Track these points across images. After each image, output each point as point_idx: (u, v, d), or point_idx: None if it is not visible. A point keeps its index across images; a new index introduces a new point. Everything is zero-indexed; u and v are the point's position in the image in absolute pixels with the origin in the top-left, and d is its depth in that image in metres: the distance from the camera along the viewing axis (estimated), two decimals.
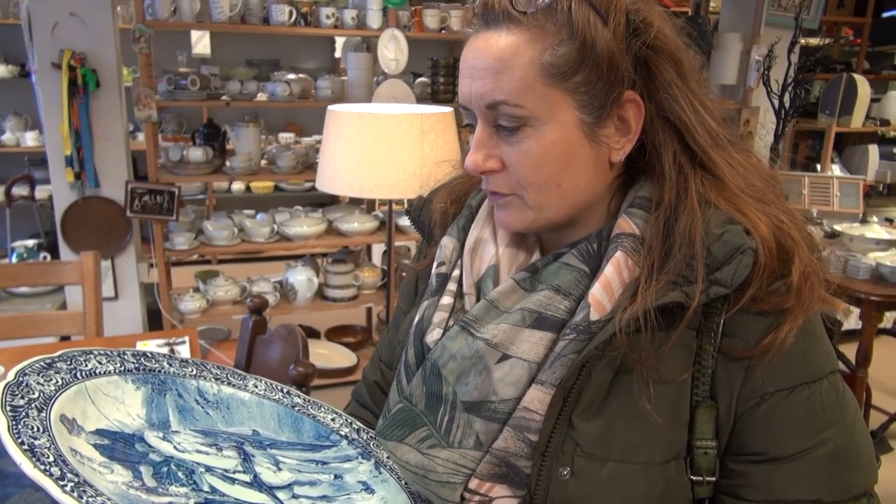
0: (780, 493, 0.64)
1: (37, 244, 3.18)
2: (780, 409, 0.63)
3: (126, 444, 0.67)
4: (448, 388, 0.68)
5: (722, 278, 0.61)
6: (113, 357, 0.75)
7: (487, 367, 0.67)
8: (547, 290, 0.67)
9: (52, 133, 2.59)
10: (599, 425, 0.64)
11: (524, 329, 0.67)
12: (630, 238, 0.66)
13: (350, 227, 2.98)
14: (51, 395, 0.64)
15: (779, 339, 0.62)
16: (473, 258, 0.75)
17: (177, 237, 2.79)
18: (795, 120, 3.57)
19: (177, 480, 0.65)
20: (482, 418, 0.67)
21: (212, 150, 2.82)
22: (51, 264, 2.02)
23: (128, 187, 2.65)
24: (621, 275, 0.65)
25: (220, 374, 0.83)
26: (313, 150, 3.11)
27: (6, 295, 2.95)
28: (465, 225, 0.78)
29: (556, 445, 0.65)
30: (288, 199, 4.60)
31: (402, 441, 0.71)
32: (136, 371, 0.76)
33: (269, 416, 0.81)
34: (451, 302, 0.74)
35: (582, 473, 0.64)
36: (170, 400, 0.76)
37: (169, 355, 0.81)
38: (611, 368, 0.64)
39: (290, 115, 4.80)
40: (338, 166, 1.94)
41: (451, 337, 0.70)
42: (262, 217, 3.11)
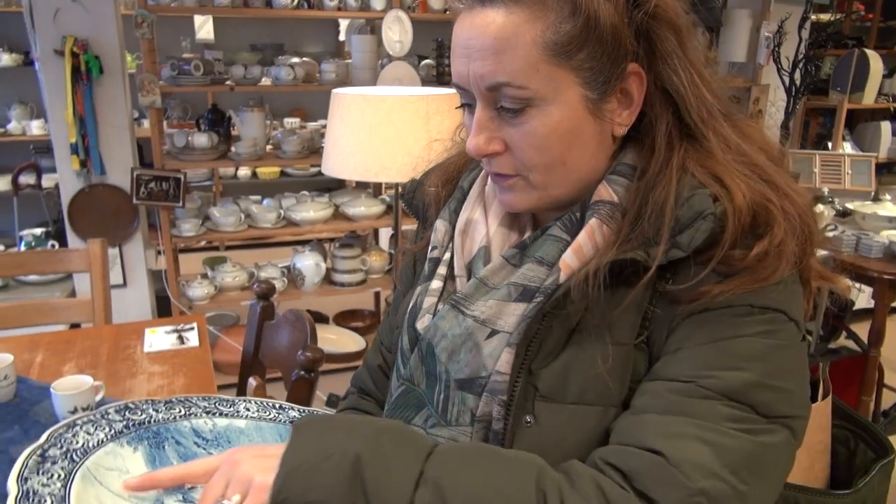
0: (659, 373, 0.63)
1: (44, 232, 3.18)
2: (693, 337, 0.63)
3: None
4: (441, 367, 0.69)
5: (680, 241, 0.61)
6: (98, 421, 0.71)
7: (477, 344, 0.67)
8: (530, 263, 0.68)
9: (57, 120, 2.59)
10: (556, 370, 0.65)
11: (510, 303, 0.67)
12: (607, 205, 0.66)
13: (357, 212, 2.97)
14: (61, 496, 0.61)
15: (710, 294, 0.61)
16: (464, 240, 0.75)
17: (183, 224, 2.78)
18: (806, 97, 3.52)
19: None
20: (474, 394, 0.68)
21: (217, 135, 2.80)
22: (58, 252, 2.02)
23: (133, 174, 2.64)
24: (594, 240, 0.65)
25: (209, 405, 0.79)
26: (319, 134, 3.09)
27: (15, 283, 2.95)
28: (456, 207, 0.78)
29: (519, 395, 0.66)
30: (294, 184, 4.59)
31: (411, 422, 0.72)
32: (126, 430, 0.72)
33: (271, 439, 0.78)
34: (440, 286, 0.74)
35: (543, 419, 0.65)
36: (170, 451, 0.72)
37: (152, 400, 0.77)
38: (571, 319, 0.65)
39: (294, 100, 4.77)
40: (343, 150, 1.92)
41: (442, 316, 0.70)
42: (268, 202, 3.10)
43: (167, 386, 1.49)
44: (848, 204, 2.81)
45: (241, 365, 1.68)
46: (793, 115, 3.30)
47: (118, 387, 1.48)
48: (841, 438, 0.89)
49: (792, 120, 3.31)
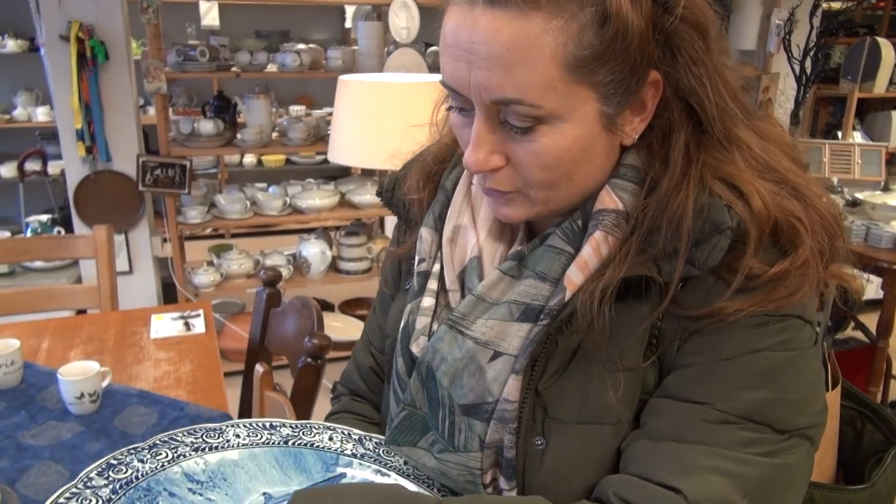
0: (678, 392, 0.60)
1: (51, 219, 3.19)
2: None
3: None
4: (443, 392, 0.65)
5: (696, 258, 0.57)
6: (82, 493, 0.64)
7: (481, 367, 0.63)
8: (531, 279, 0.63)
9: (63, 106, 2.58)
10: (564, 389, 0.62)
11: (513, 323, 0.63)
12: (612, 214, 0.61)
13: (363, 200, 2.96)
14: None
15: (723, 312, 0.57)
16: (453, 249, 0.69)
17: (189, 211, 2.78)
18: (816, 86, 3.48)
19: None
20: (481, 420, 0.64)
21: (223, 122, 2.79)
22: (64, 238, 2.02)
23: (139, 161, 2.64)
24: (599, 253, 0.60)
25: (196, 440, 0.73)
26: (325, 121, 3.08)
27: (21, 270, 2.96)
28: (441, 212, 0.71)
29: (527, 417, 0.63)
30: (300, 172, 4.58)
31: (416, 445, 0.69)
32: (114, 496, 0.65)
33: (268, 466, 0.73)
34: (432, 304, 0.69)
35: (554, 440, 0.62)
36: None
37: (137, 448, 0.71)
38: (577, 336, 0.62)
39: (300, 88, 4.76)
40: (349, 137, 1.91)
41: (440, 338, 0.65)
42: (274, 190, 3.09)
43: (174, 373, 1.49)
44: (857, 194, 2.79)
45: (247, 352, 1.67)
46: (803, 104, 3.27)
47: (124, 373, 1.48)
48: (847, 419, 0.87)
49: (802, 109, 3.28)
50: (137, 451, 0.70)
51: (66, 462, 1.15)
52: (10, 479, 1.10)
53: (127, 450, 0.70)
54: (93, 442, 1.20)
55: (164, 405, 1.33)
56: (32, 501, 1.05)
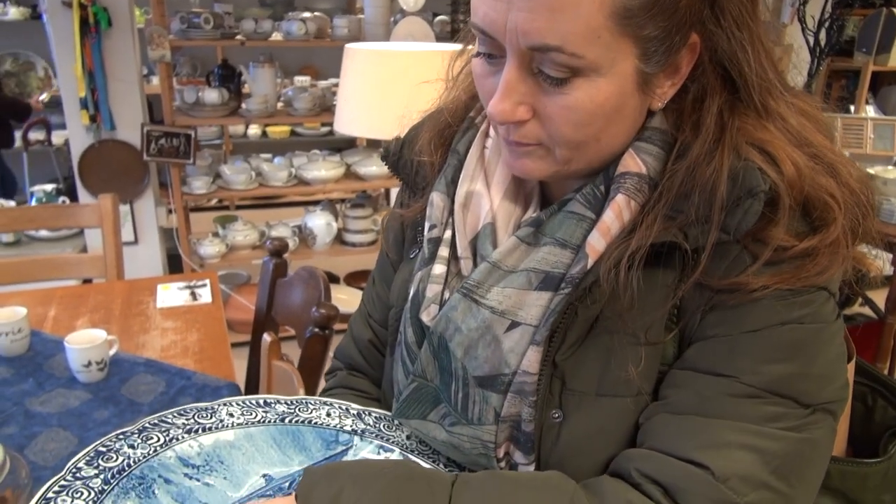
0: (696, 363, 0.58)
1: (55, 189, 3.18)
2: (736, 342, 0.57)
3: None
4: (456, 363, 0.63)
5: (726, 223, 0.54)
6: (72, 485, 0.61)
7: (497, 338, 0.61)
8: (550, 245, 0.61)
9: (66, 74, 2.55)
10: (582, 360, 0.61)
11: (531, 292, 0.60)
12: (634, 178, 0.58)
13: (368, 171, 2.94)
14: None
15: (747, 287, 0.55)
16: (466, 215, 0.66)
17: (194, 181, 2.76)
18: (830, 58, 3.42)
19: None
20: (497, 392, 0.62)
21: (227, 91, 2.76)
22: (69, 207, 2.01)
23: (143, 130, 2.61)
24: (621, 218, 0.58)
25: (188, 421, 0.70)
26: (330, 91, 3.04)
27: (27, 239, 2.96)
28: (454, 176, 0.68)
29: (544, 389, 0.61)
30: (304, 143, 4.54)
31: (426, 418, 0.67)
32: (107, 487, 0.62)
33: (265, 447, 0.70)
34: (443, 271, 0.66)
35: (572, 413, 0.61)
36: (162, 495, 0.63)
37: (126, 433, 0.67)
38: (598, 304, 0.60)
39: (305, 57, 4.70)
40: (355, 107, 1.88)
41: (453, 307, 0.63)
42: (279, 161, 3.07)
43: (180, 342, 1.48)
44: (869, 169, 2.75)
45: (253, 322, 1.67)
46: (816, 76, 3.22)
47: (131, 342, 1.48)
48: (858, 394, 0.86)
49: (814, 82, 3.23)
50: (127, 436, 0.66)
51: (74, 429, 1.15)
52: (18, 446, 1.10)
53: (115, 435, 0.66)
54: (101, 410, 1.21)
55: (171, 374, 1.33)
56: (41, 468, 1.05)
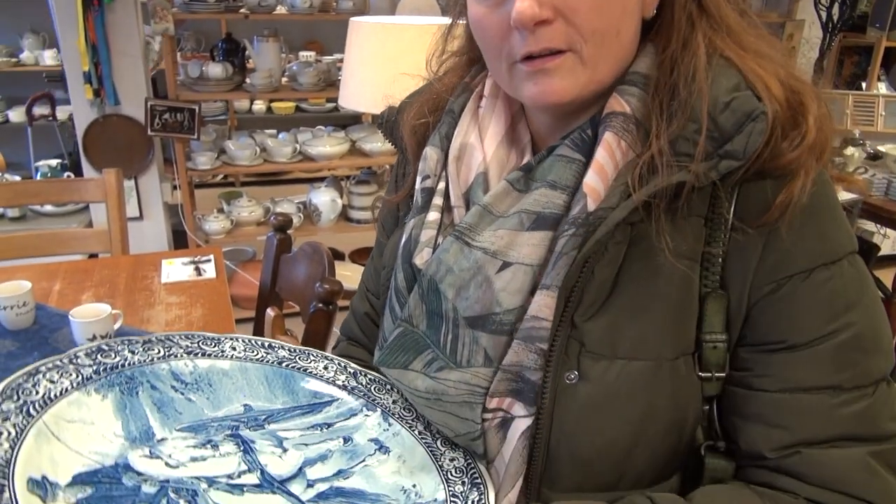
0: (797, 380, 0.59)
1: (60, 164, 3.17)
2: (798, 293, 0.59)
3: (112, 482, 0.58)
4: (448, 305, 0.64)
5: (733, 150, 0.55)
6: (65, 367, 0.64)
7: (488, 278, 0.62)
8: (542, 188, 0.62)
9: (69, 48, 2.53)
10: (604, 323, 0.60)
11: (523, 232, 0.61)
12: (620, 117, 0.59)
13: (373, 147, 2.92)
14: (6, 459, 0.52)
15: (794, 194, 0.56)
16: (459, 167, 0.68)
17: (199, 157, 2.75)
18: (842, 34, 3.37)
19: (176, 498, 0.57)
20: (488, 332, 0.63)
21: (231, 66, 2.74)
22: (73, 181, 2.00)
23: (147, 105, 2.60)
24: (614, 157, 0.59)
25: (192, 344, 0.73)
26: (335, 67, 3.01)
27: (33, 214, 2.96)
28: (448, 132, 0.70)
29: (559, 349, 0.61)
30: (309, 119, 4.52)
31: (408, 367, 0.67)
32: (95, 376, 0.64)
33: (256, 382, 0.73)
34: (437, 218, 0.68)
35: (589, 375, 0.60)
36: (144, 397, 0.66)
37: (131, 340, 0.70)
38: (614, 265, 0.60)
39: (310, 32, 4.66)
40: (361, 82, 1.86)
41: (445, 249, 0.64)
42: (284, 136, 3.06)
43: (185, 317, 1.49)
44: (880, 147, 2.72)
45: (258, 297, 1.67)
46: (828, 52, 3.17)
47: (136, 316, 1.48)
48: None
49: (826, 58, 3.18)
50: (131, 342, 0.70)
51: None
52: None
53: (121, 339, 0.70)
54: None
55: None
56: None
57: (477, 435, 0.66)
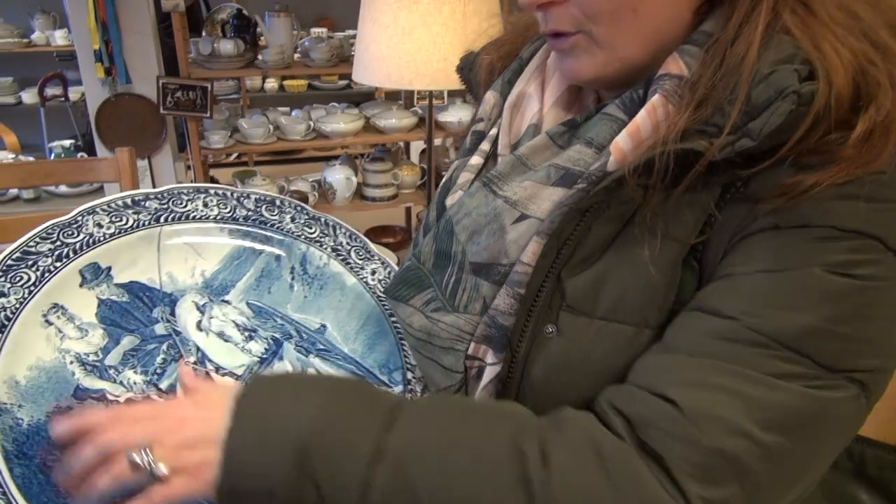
0: (703, 301, 0.53)
1: (73, 144, 3.16)
2: (767, 239, 0.51)
3: (144, 304, 0.61)
4: (458, 247, 0.62)
5: (752, 128, 0.49)
6: (228, 200, 0.66)
7: (503, 227, 0.59)
8: (579, 145, 0.58)
9: (80, 27, 2.50)
10: (589, 278, 0.57)
11: (547, 186, 0.58)
12: (674, 79, 0.54)
13: (388, 124, 2.87)
14: (95, 240, 0.58)
15: (803, 183, 0.49)
16: (514, 115, 0.66)
17: (212, 135, 2.72)
18: None
19: (144, 367, 0.58)
20: (490, 282, 0.60)
21: (243, 42, 2.70)
22: (86, 161, 1.98)
23: (159, 83, 2.57)
24: (654, 119, 0.54)
25: (346, 244, 0.71)
26: (348, 42, 2.97)
27: (47, 195, 2.95)
28: (511, 78, 0.68)
29: (543, 301, 0.57)
30: (322, 97, 4.47)
31: (408, 302, 0.65)
32: (244, 220, 0.66)
33: (356, 315, 0.70)
34: (479, 162, 0.66)
35: (567, 331, 0.57)
36: (260, 260, 0.66)
37: (303, 207, 0.69)
38: (615, 223, 0.56)
39: (321, 9, 4.60)
40: (375, 56, 1.83)
41: (470, 193, 0.62)
42: (297, 114, 3.02)
43: None
44: None
45: None
46: None
47: None
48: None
49: None
50: (300, 209, 0.69)
51: None
52: None
53: (297, 204, 0.69)
54: None
55: None
56: None
57: (457, 387, 0.64)
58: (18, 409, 0.55)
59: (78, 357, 0.58)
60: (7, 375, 0.55)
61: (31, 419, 0.56)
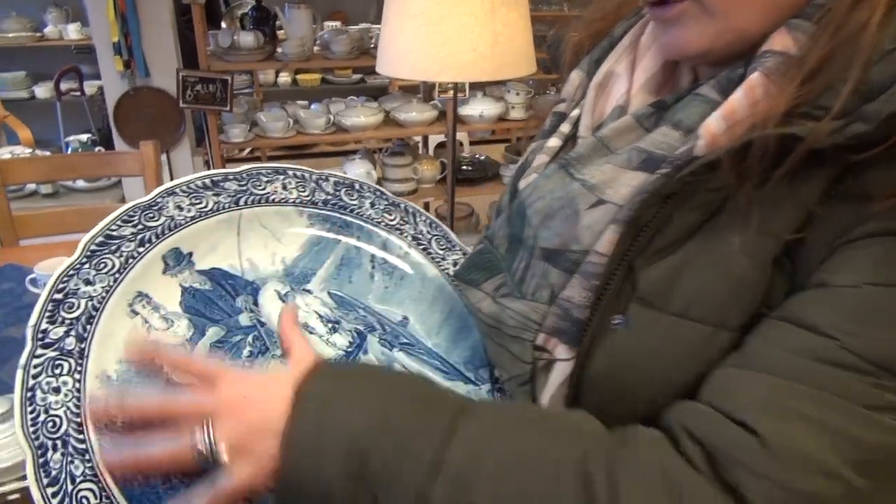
0: (793, 311, 0.47)
1: (90, 139, 3.13)
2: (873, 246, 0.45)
3: (227, 293, 0.58)
4: (529, 231, 0.58)
5: (869, 111, 0.43)
6: (307, 182, 0.63)
7: (577, 212, 0.55)
8: (665, 127, 0.53)
9: (98, 20, 2.48)
10: (665, 270, 0.51)
11: (627, 171, 0.53)
12: (778, 56, 0.48)
13: (409, 117, 2.84)
14: (177, 224, 0.55)
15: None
16: (599, 95, 0.60)
17: (231, 129, 2.69)
18: None
19: (232, 360, 0.56)
20: (559, 269, 0.56)
21: (262, 35, 2.66)
22: (110, 155, 1.95)
23: (179, 75, 2.53)
24: (752, 100, 0.48)
25: (427, 232, 0.68)
26: (368, 35, 2.93)
27: (65, 191, 2.93)
28: (599, 57, 0.63)
29: (613, 290, 0.52)
30: (336, 91, 4.44)
31: (479, 286, 0.62)
32: (323, 205, 0.63)
33: (438, 308, 0.66)
34: (557, 145, 0.62)
35: (635, 324, 0.52)
36: (339, 248, 0.63)
37: (382, 192, 0.67)
38: (700, 212, 0.50)
39: (335, 2, 4.56)
40: (401, 47, 1.78)
41: (546, 175, 0.58)
42: (316, 107, 2.98)
43: None
44: None
45: None
46: None
47: None
48: None
49: None
50: (380, 195, 0.67)
51: None
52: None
53: (375, 189, 0.67)
54: None
55: None
56: None
57: (526, 378, 0.60)
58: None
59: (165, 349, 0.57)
60: (99, 370, 0.53)
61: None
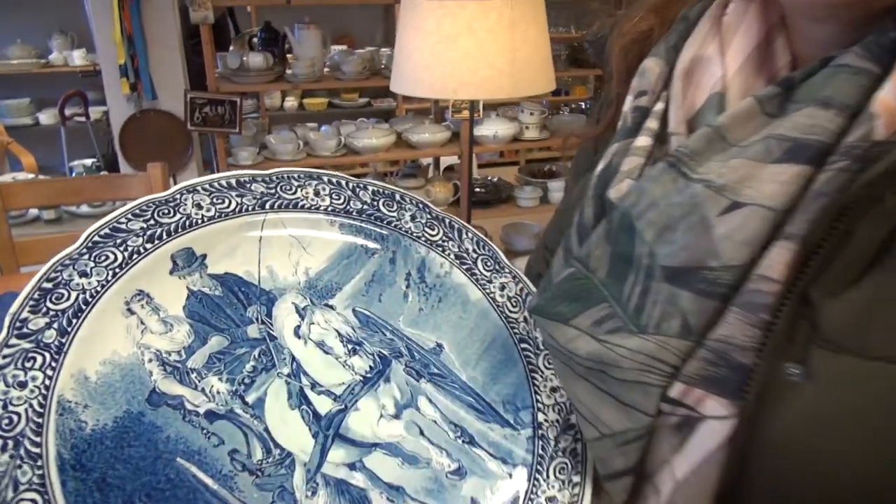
0: None
1: (95, 164, 3.08)
2: None
3: (239, 301, 0.54)
4: (643, 248, 0.46)
5: None
6: (342, 190, 0.58)
7: (706, 220, 0.44)
8: (809, 108, 0.42)
9: (104, 42, 2.43)
10: (855, 303, 0.41)
11: (768, 165, 0.43)
12: None
13: (421, 139, 2.77)
14: (193, 222, 0.51)
15: None
16: (687, 85, 0.51)
17: (240, 152, 2.62)
18: None
19: (231, 374, 0.51)
20: (693, 292, 0.44)
21: (272, 56, 2.62)
22: (116, 177, 1.89)
23: (187, 97, 2.48)
24: None
25: (472, 251, 0.60)
26: (378, 55, 2.88)
27: (69, 216, 2.85)
28: (677, 42, 0.54)
29: (781, 328, 0.42)
30: (343, 115, 4.40)
31: (569, 322, 0.49)
32: (358, 214, 0.57)
33: (479, 336, 0.59)
34: (649, 144, 0.51)
35: (821, 374, 0.41)
36: (373, 262, 0.57)
37: (425, 204, 0.61)
38: (888, 223, 0.40)
39: (341, 27, 4.54)
40: (417, 65, 1.73)
41: (652, 178, 0.47)
42: (326, 130, 2.93)
43: None
44: None
45: None
46: None
47: None
48: None
49: None
50: (423, 207, 0.62)
51: None
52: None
53: (419, 201, 0.62)
54: None
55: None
56: None
57: (640, 434, 0.47)
58: (83, 410, 0.48)
59: (158, 355, 0.51)
60: (76, 368, 0.48)
61: (95, 423, 0.48)
